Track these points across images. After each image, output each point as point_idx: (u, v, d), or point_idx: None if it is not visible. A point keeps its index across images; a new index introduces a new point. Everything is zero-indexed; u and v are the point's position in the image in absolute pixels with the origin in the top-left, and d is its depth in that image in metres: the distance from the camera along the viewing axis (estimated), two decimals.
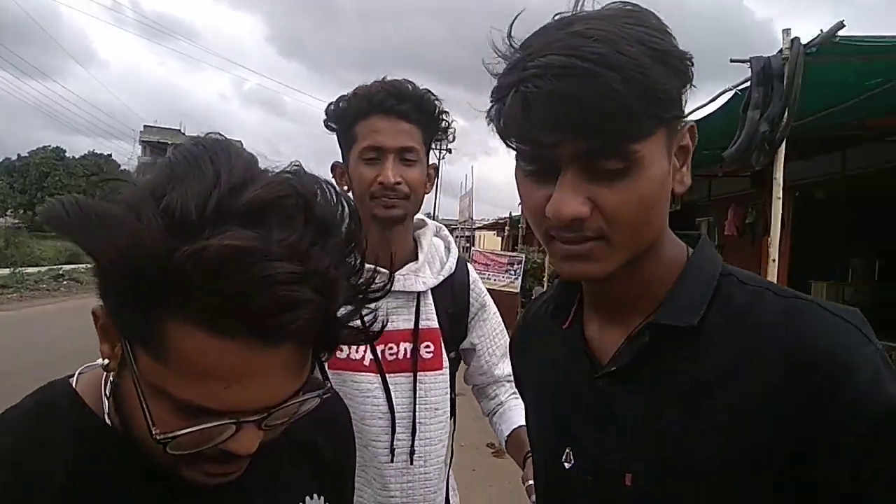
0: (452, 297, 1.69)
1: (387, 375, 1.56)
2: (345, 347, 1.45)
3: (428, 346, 1.61)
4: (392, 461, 1.56)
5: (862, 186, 9.50)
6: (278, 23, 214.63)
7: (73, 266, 23.98)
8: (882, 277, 11.62)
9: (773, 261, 4.67)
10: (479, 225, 30.24)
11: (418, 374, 1.59)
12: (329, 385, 0.75)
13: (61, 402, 0.76)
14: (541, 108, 0.69)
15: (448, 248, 1.74)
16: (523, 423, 1.39)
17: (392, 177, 1.51)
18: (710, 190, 11.59)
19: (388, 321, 1.26)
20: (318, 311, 0.61)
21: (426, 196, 1.63)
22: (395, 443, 1.56)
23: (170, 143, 74.08)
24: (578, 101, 0.67)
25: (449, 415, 1.67)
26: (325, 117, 1.60)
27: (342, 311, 0.69)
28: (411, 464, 1.57)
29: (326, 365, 1.46)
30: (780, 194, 4.63)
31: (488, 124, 0.79)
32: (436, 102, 1.59)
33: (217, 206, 0.60)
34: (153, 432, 0.64)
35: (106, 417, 0.74)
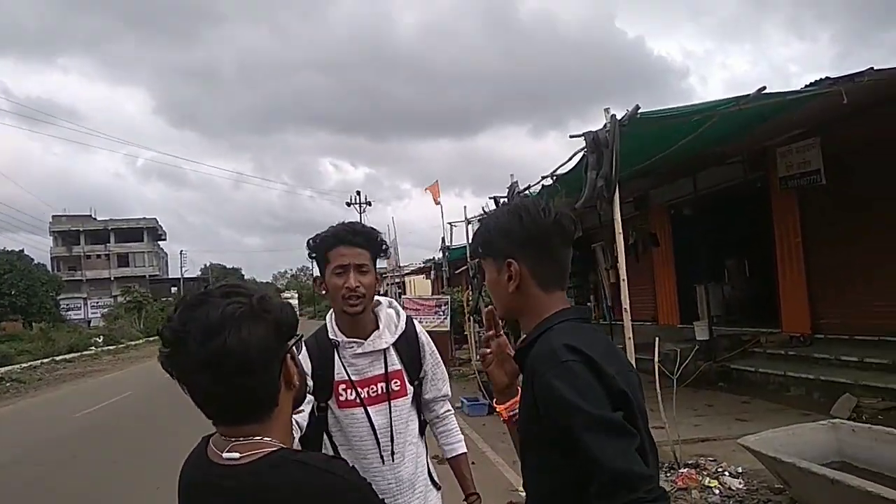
0: (408, 345, 2.35)
1: (368, 408, 2.26)
2: (342, 392, 2.27)
3: (396, 382, 2.30)
4: (383, 464, 2.25)
5: (710, 202, 11.35)
6: (163, 94, 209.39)
7: (7, 368, 23.82)
8: (752, 274, 13.51)
9: (623, 280, 6.00)
10: (408, 270, 31.37)
11: (392, 401, 2.28)
12: None
13: None
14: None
15: (398, 314, 2.39)
16: (458, 451, 2.41)
17: (353, 282, 2.19)
18: (600, 217, 13.12)
19: (367, 371, 2.31)
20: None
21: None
22: (381, 451, 2.24)
23: (81, 230, 72.18)
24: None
25: (417, 422, 2.36)
26: (307, 250, 2.30)
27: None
28: (393, 461, 2.25)
29: (337, 405, 2.27)
30: (621, 229, 6.02)
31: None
32: (377, 233, 2.33)
33: None
34: None
35: None
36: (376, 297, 2.37)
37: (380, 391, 2.27)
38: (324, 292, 2.32)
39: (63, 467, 8.44)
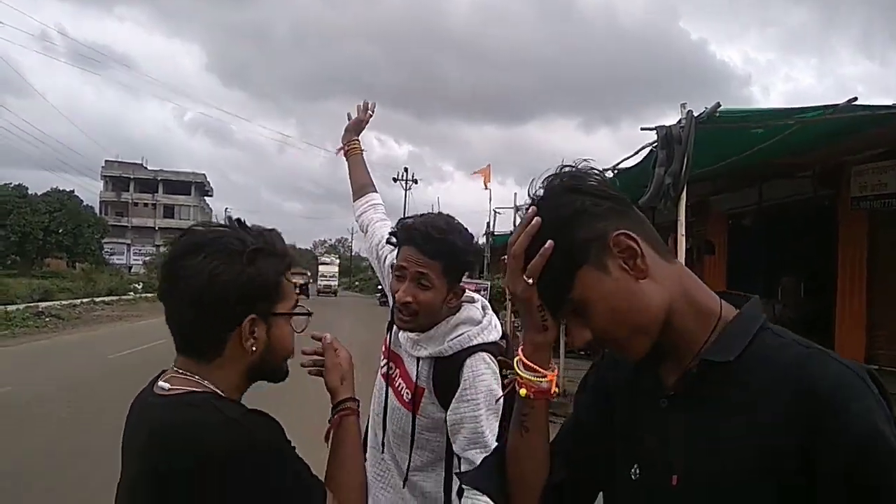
0: (447, 374, 1.89)
1: (390, 389, 2.06)
2: (382, 358, 2.11)
3: (408, 393, 1.98)
4: (382, 452, 2.07)
5: (773, 215, 10.89)
6: (217, 52, 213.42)
7: (48, 303, 24.41)
8: (807, 294, 12.98)
9: None
10: None
11: (404, 407, 1.98)
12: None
13: None
14: None
15: (460, 335, 1.91)
16: None
17: (404, 296, 1.86)
18: (654, 219, 12.69)
19: (405, 359, 1.99)
20: None
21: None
22: (383, 437, 2.06)
23: (131, 177, 73.83)
24: None
25: (436, 451, 1.96)
26: (388, 236, 2.03)
27: None
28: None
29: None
30: (683, 231, 5.71)
31: None
32: (463, 244, 1.90)
33: None
34: None
35: None
36: (476, 304, 2.01)
37: (405, 394, 2.00)
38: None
39: (91, 408, 8.49)
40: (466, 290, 2.00)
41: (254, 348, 1.16)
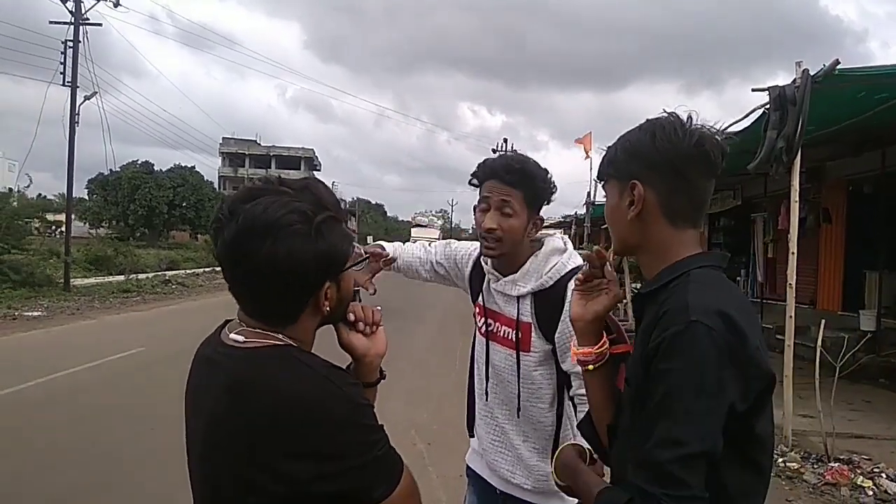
0: (549, 302, 2.03)
1: (491, 343, 2.17)
2: (477, 317, 2.22)
3: (513, 335, 2.10)
4: (486, 400, 2.19)
5: None
6: (314, 28, 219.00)
7: (174, 272, 26.28)
8: None
9: (793, 254, 5.50)
10: (547, 224, 31.07)
11: (521, 353, 2.10)
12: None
13: None
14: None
15: (554, 265, 2.05)
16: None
17: (489, 222, 2.00)
18: (766, 186, 12.16)
19: (503, 309, 2.12)
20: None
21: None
22: (487, 387, 2.20)
23: (246, 153, 77.50)
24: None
25: (550, 386, 2.09)
26: (470, 178, 2.12)
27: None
28: (519, 415, 2.13)
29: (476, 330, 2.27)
30: (797, 198, 5.50)
31: None
32: (540, 173, 2.04)
33: None
34: None
35: None
36: (555, 236, 2.18)
37: (510, 336, 2.12)
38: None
39: None
40: (544, 221, 2.13)
41: (328, 308, 1.19)
